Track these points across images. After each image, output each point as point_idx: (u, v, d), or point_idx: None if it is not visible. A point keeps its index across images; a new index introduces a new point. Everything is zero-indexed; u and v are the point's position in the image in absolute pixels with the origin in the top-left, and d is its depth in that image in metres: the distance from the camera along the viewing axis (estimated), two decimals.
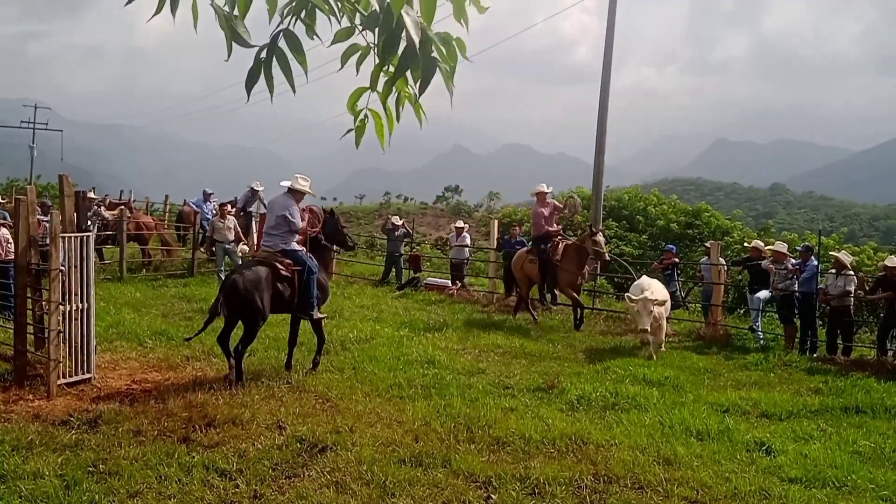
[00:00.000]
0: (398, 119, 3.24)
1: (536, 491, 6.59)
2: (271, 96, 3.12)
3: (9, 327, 10.22)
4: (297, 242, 10.47)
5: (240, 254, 20.04)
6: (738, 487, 6.86)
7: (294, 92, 3.13)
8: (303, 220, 10.80)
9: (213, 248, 20.53)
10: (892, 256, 14.16)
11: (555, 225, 16.48)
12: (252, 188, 24.15)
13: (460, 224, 22.24)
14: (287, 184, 10.54)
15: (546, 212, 16.28)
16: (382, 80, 3.18)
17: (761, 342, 14.81)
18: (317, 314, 10.51)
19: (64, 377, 9.30)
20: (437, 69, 3.07)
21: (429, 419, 8.51)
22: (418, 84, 3.06)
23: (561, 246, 15.92)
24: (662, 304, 13.15)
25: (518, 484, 6.72)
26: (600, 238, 15.57)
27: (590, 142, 23.26)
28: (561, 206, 16.66)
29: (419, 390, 9.86)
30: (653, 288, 13.27)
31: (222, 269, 19.58)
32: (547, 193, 16.58)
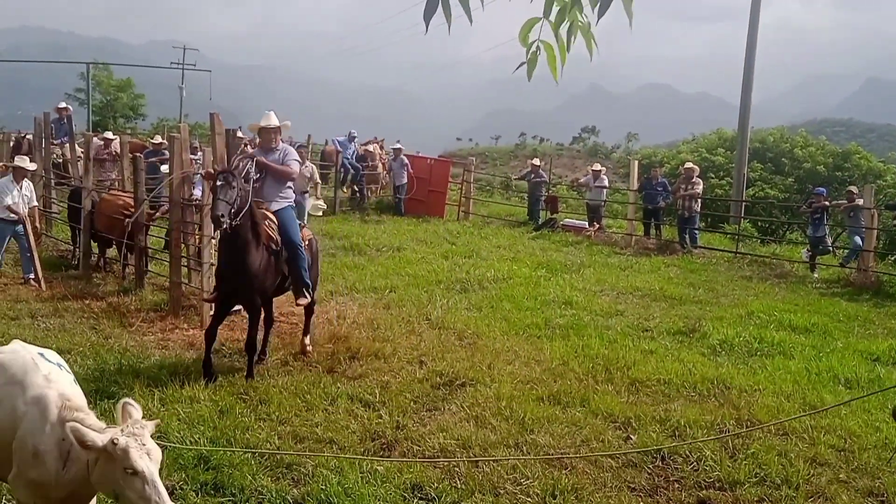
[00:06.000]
0: (569, 49, 3.15)
1: (677, 433, 6.53)
2: (448, 26, 3.06)
3: (165, 260, 10.75)
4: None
5: (319, 212, 18.11)
6: (889, 438, 6.60)
7: (471, 22, 3.06)
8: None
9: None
10: None
11: None
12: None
13: (597, 167, 21.93)
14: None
15: None
16: (555, 9, 3.08)
17: None
18: None
19: None
20: None
21: (567, 359, 8.53)
22: (596, 8, 2.97)
23: None
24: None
25: (658, 426, 6.67)
26: None
27: (733, 80, 22.58)
28: None
29: (556, 330, 9.87)
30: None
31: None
32: None
